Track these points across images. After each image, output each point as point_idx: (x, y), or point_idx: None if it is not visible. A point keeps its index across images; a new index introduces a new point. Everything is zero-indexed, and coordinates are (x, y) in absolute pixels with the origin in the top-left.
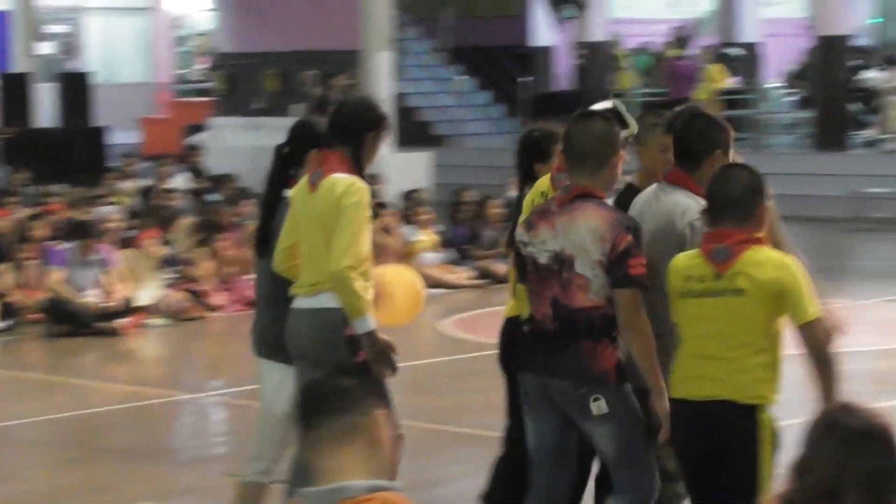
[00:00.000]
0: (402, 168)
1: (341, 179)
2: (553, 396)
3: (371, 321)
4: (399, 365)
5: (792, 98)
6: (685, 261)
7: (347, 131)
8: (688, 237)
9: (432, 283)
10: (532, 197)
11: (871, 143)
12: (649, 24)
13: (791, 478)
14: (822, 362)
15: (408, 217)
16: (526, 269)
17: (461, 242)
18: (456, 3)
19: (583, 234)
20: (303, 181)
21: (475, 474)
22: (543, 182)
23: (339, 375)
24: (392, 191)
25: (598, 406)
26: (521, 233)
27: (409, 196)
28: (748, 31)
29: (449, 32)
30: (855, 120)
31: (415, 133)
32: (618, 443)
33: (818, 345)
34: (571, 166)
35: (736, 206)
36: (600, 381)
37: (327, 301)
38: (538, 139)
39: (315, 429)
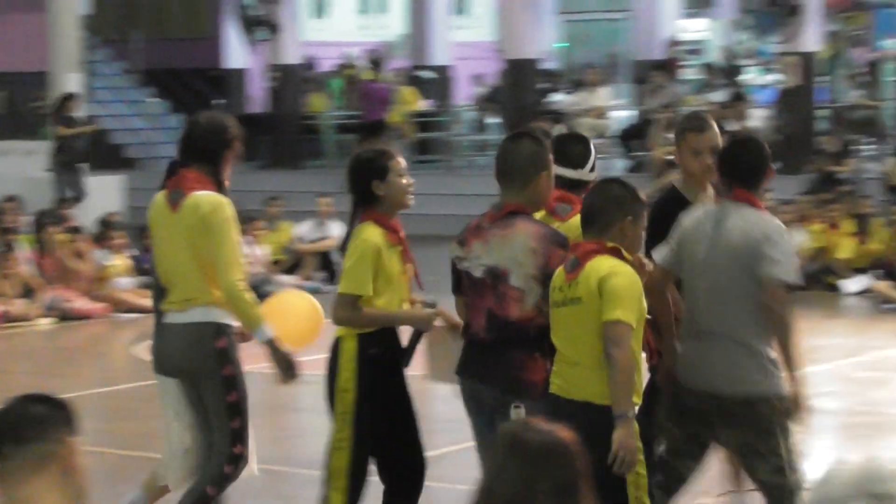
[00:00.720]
0: (94, 192)
1: (206, 197)
2: (484, 401)
3: (269, 330)
4: (93, 391)
5: (483, 120)
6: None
7: (205, 150)
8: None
9: (126, 308)
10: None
11: None
12: (342, 47)
13: (477, 499)
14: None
15: (101, 241)
16: (461, 282)
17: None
18: (146, 25)
19: (516, 249)
20: (160, 201)
21: (173, 500)
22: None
23: (31, 402)
24: (84, 215)
25: (518, 414)
26: (455, 248)
27: (102, 220)
28: (439, 54)
29: (140, 54)
30: None
31: (107, 156)
32: None
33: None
34: (502, 184)
35: (595, 218)
36: (527, 392)
37: (199, 316)
38: (371, 158)
39: (6, 458)
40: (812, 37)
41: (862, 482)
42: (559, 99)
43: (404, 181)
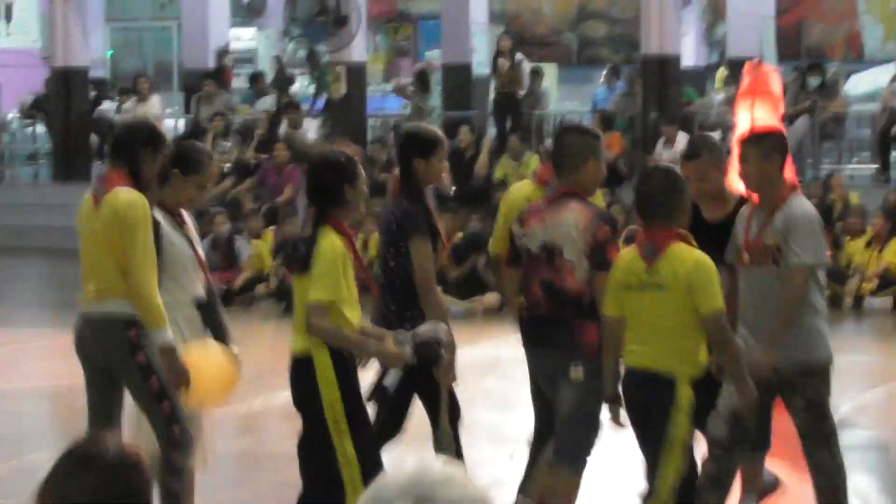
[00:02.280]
0: None
1: (123, 194)
2: (545, 364)
3: (167, 334)
4: None
5: (31, 129)
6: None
7: (124, 149)
8: None
9: None
10: (516, 203)
11: None
12: None
13: None
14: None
15: None
16: (519, 257)
17: None
18: None
19: (569, 226)
20: (87, 197)
21: None
22: (525, 189)
23: None
24: None
25: (577, 371)
26: (516, 227)
27: None
28: None
29: None
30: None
31: None
32: (578, 405)
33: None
34: (556, 171)
35: (662, 206)
36: (584, 353)
37: (112, 307)
38: (345, 162)
39: None
40: (359, 47)
41: (410, 484)
42: (109, 107)
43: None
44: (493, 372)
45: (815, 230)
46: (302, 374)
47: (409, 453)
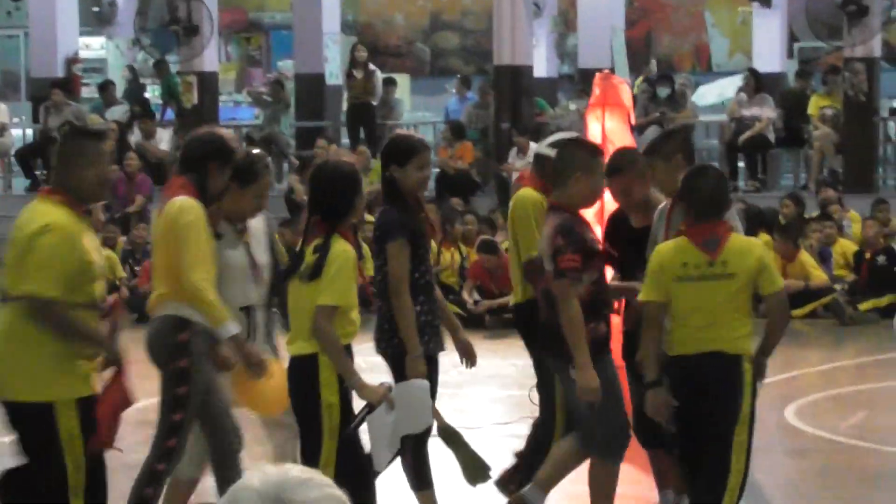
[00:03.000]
0: None
1: (177, 201)
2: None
3: (232, 327)
4: None
5: None
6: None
7: (192, 160)
8: None
9: None
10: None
11: None
12: None
13: None
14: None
15: None
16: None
17: None
18: None
19: (544, 238)
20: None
21: None
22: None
23: None
24: None
25: (574, 373)
26: None
27: None
28: None
29: None
30: None
31: None
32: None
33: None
34: (552, 184)
35: (721, 204)
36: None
37: (168, 309)
38: (355, 171)
39: None
40: (210, 56)
41: (269, 486)
42: None
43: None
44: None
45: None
46: (303, 376)
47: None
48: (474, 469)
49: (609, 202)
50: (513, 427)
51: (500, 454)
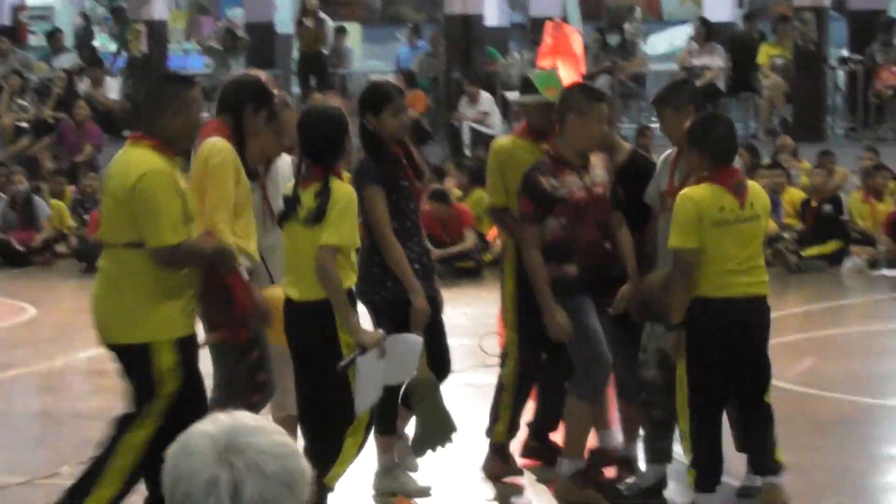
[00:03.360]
0: None
1: (209, 142)
2: None
3: (243, 271)
4: None
5: None
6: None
7: (227, 102)
8: None
9: None
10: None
11: None
12: None
13: None
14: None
15: None
16: None
17: None
18: None
19: None
20: None
21: None
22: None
23: None
24: None
25: None
26: None
27: None
28: None
29: None
30: None
31: None
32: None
33: None
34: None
35: (733, 151)
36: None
37: None
38: (341, 115)
39: None
40: (159, 4)
41: (220, 433)
42: None
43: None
44: None
45: None
46: (320, 320)
47: None
48: (435, 432)
49: None
50: (465, 376)
51: (453, 403)
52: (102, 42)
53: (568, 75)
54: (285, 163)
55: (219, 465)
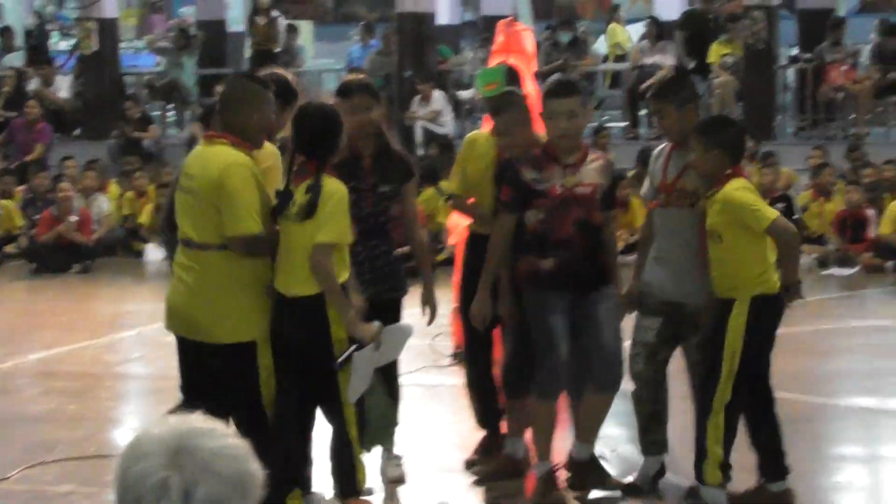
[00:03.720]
0: None
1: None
2: None
3: None
4: None
5: None
6: None
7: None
8: None
9: None
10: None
11: None
12: None
13: None
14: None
15: None
16: None
17: None
18: None
19: None
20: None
21: None
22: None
23: None
24: None
25: None
26: None
27: None
28: None
29: None
30: None
31: None
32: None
33: None
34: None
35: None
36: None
37: None
38: (337, 113)
39: None
40: (110, 2)
41: (169, 436)
42: None
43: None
44: None
45: None
46: (312, 315)
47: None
48: (382, 426)
49: None
50: (415, 377)
51: (405, 404)
52: (54, 40)
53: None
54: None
55: (170, 468)
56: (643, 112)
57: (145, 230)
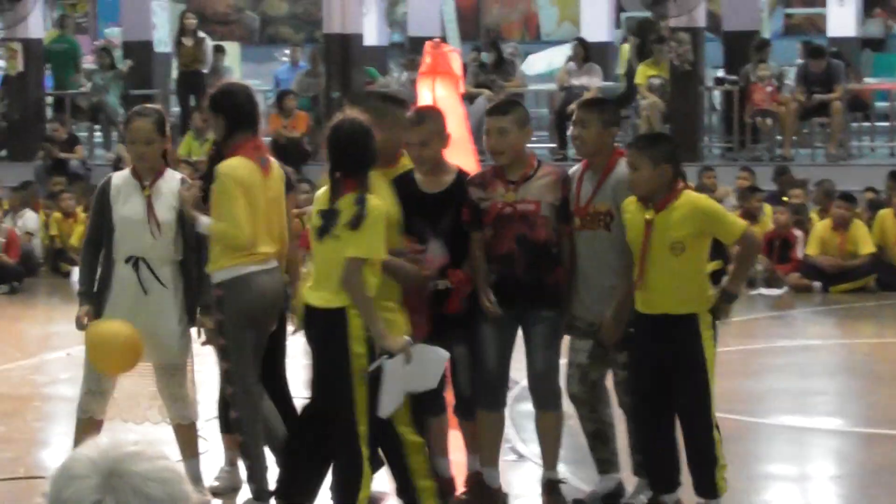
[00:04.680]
0: None
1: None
2: None
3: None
4: None
5: None
6: None
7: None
8: None
9: None
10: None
11: None
12: None
13: None
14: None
15: None
16: None
17: None
18: None
19: None
20: (250, 166)
21: None
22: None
23: None
24: None
25: None
26: None
27: None
28: None
29: None
30: None
31: None
32: None
33: None
34: None
35: None
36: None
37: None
38: (369, 130)
39: None
40: (35, 23)
41: (100, 458)
42: None
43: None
44: None
45: None
46: (332, 328)
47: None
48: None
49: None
50: None
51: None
52: None
53: (447, 94)
54: (174, 178)
55: (102, 490)
56: (570, 133)
57: (74, 251)
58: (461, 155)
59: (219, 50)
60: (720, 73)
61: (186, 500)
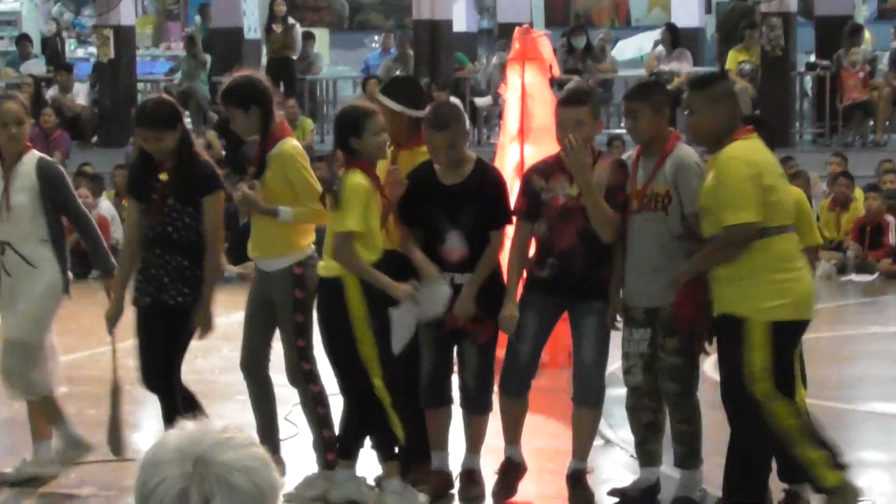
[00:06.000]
0: None
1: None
2: None
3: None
4: None
5: None
6: None
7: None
8: None
9: None
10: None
11: None
12: None
13: None
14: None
15: None
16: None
17: None
18: None
19: None
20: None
21: None
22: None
23: None
24: None
25: None
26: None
27: None
28: None
29: None
30: None
31: None
32: None
33: None
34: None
35: None
36: None
37: None
38: (351, 115)
39: None
40: (127, 10)
41: (189, 446)
42: None
43: (381, 138)
44: None
45: (702, 176)
46: (332, 295)
47: None
48: (109, 437)
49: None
50: None
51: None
52: (70, 48)
53: (536, 80)
54: (31, 160)
55: (189, 478)
56: None
57: None
58: (548, 142)
59: (308, 36)
60: (812, 59)
61: (272, 489)
